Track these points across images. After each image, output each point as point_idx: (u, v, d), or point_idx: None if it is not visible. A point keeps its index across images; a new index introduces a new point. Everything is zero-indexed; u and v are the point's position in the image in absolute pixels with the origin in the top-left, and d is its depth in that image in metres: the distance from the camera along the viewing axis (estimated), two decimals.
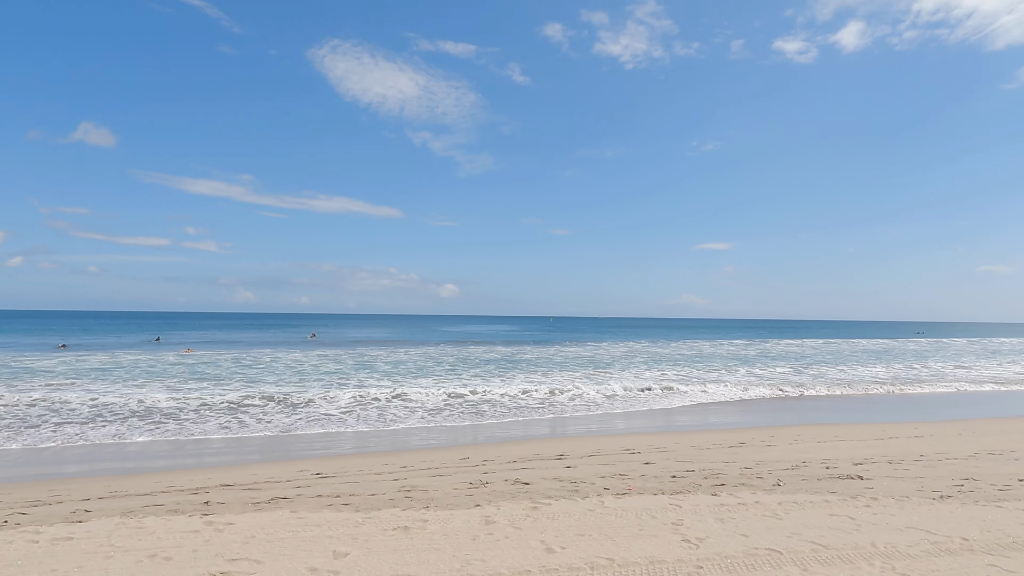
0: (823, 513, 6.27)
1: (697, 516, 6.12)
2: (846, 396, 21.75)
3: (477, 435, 13.94)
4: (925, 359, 41.50)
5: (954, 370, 33.19)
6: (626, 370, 30.16)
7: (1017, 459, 9.60)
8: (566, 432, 14.36)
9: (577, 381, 24.55)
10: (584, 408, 18.07)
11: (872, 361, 39.01)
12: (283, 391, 19.98)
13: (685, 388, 22.60)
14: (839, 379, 27.50)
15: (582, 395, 20.58)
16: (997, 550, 5.13)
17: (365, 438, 13.61)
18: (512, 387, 22.27)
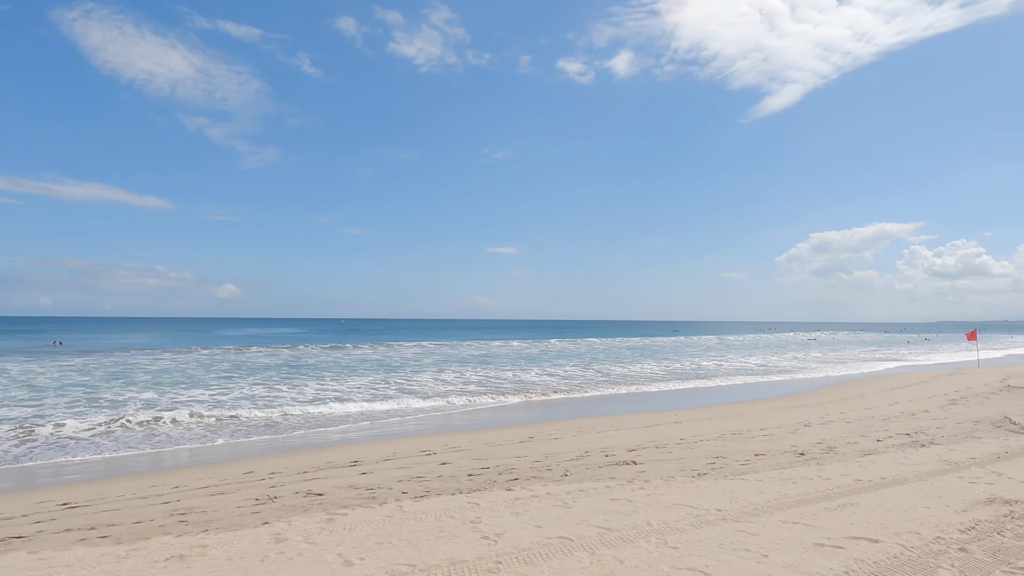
0: (606, 498, 6.80)
1: (494, 512, 6.28)
2: (619, 388, 23.98)
3: (262, 446, 12.97)
4: (684, 354, 47.38)
5: (709, 363, 38.29)
6: (422, 372, 30.22)
7: (753, 437, 11.30)
8: (360, 437, 13.96)
9: (369, 384, 24.06)
10: (376, 412, 17.73)
11: (642, 357, 43.58)
12: (11, 414, 16.84)
13: (480, 388, 23.26)
14: (617, 374, 30.28)
15: (373, 397, 20.19)
16: (744, 517, 5.96)
17: (125, 461, 11.95)
18: (298, 393, 21.14)
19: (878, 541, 5.20)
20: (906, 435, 10.92)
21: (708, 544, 5.15)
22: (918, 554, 4.89)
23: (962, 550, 4.97)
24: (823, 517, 5.93)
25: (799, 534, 5.40)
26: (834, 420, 13.48)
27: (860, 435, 11.11)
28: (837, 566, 4.64)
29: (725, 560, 4.77)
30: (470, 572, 4.60)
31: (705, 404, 18.96)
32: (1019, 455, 8.84)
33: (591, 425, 14.37)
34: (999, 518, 5.83)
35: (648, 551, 4.99)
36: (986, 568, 4.59)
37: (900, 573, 4.51)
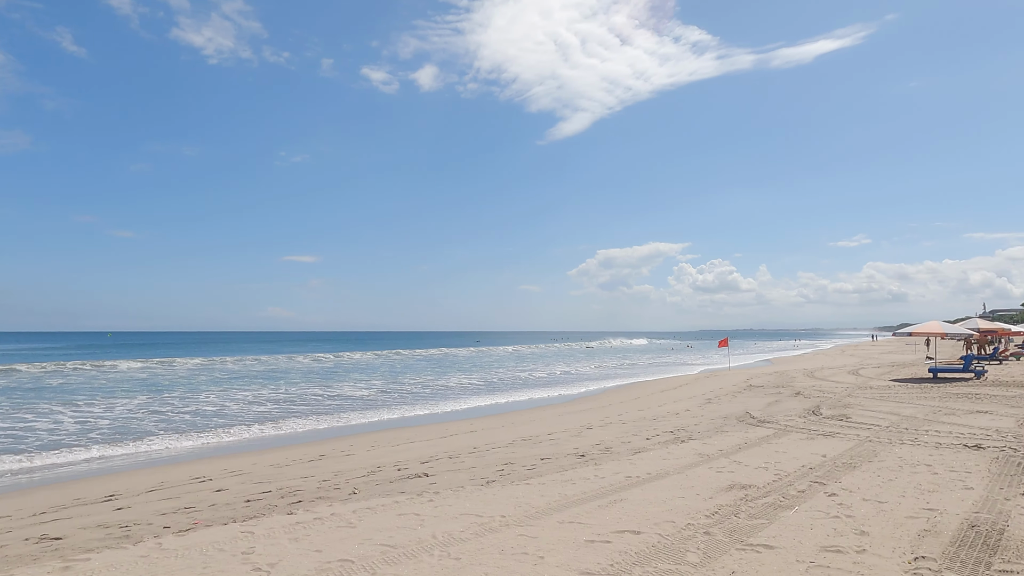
0: (393, 514, 6.66)
1: (271, 540, 5.83)
2: (420, 399, 23.91)
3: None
4: (484, 364, 48.66)
5: (508, 372, 39.69)
6: (198, 392, 27.53)
7: (541, 442, 11.87)
8: (121, 466, 12.26)
9: (141, 405, 21.37)
10: (140, 438, 15.76)
11: (446, 367, 43.96)
12: None
13: (268, 406, 21.73)
14: (419, 384, 30.15)
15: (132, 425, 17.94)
16: (525, 521, 6.19)
17: None
18: (42, 418, 18.13)
19: (640, 532, 5.68)
20: (670, 432, 12.19)
21: (490, 552, 5.25)
22: (671, 541, 5.42)
23: (707, 533, 5.61)
24: (596, 514, 6.35)
25: (574, 533, 5.72)
26: (613, 422, 14.66)
27: (633, 435, 12.20)
28: (605, 560, 4.97)
29: (505, 566, 4.88)
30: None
31: (499, 413, 19.59)
32: (755, 444, 10.28)
33: (387, 439, 14.11)
34: (736, 501, 6.70)
35: (431, 565, 4.95)
36: (724, 547, 5.22)
37: (656, 560, 4.95)
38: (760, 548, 5.17)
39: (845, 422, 12.47)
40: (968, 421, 12.05)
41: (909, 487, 7.13)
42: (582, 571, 4.73)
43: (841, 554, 4.98)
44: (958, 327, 25.92)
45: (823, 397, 17.42)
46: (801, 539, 5.39)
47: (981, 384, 19.80)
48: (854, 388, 20.02)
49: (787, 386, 21.52)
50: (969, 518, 5.87)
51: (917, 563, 4.74)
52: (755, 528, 5.74)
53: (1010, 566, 4.62)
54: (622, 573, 4.68)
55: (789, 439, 10.72)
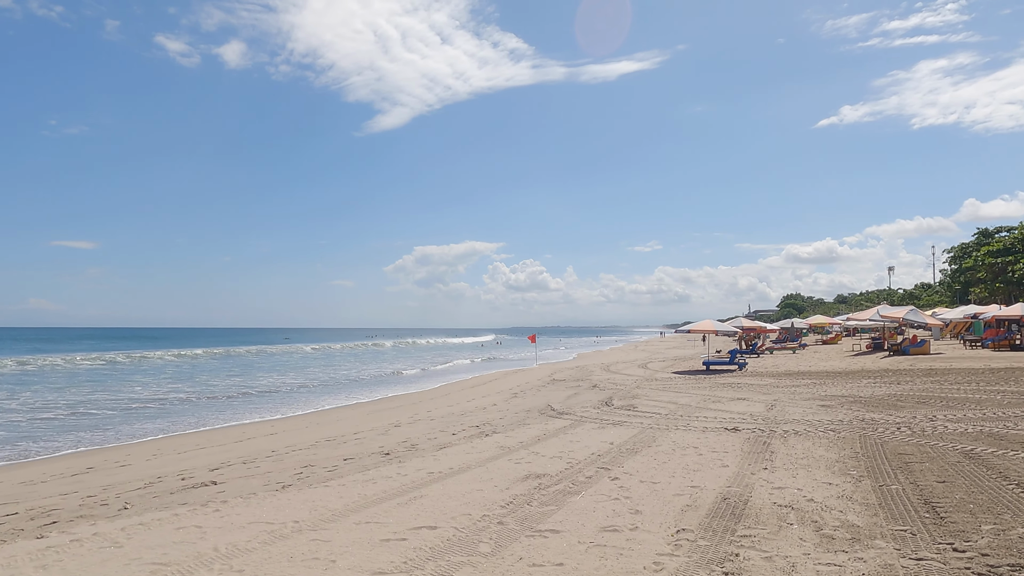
0: (171, 528, 6.05)
1: (12, 570, 5.00)
2: (213, 401, 22.05)
3: None
4: (292, 364, 46.24)
5: (317, 371, 38.05)
6: None
7: (346, 442, 11.55)
8: None
9: None
10: None
11: (248, 367, 41.05)
12: None
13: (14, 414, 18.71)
14: (217, 387, 27.79)
15: None
16: (320, 524, 5.96)
17: None
18: None
19: (437, 527, 5.74)
20: (476, 427, 12.50)
21: (278, 560, 4.97)
22: (466, 533, 5.54)
23: (500, 523, 5.82)
24: (394, 512, 6.30)
25: (369, 533, 5.62)
26: (421, 419, 14.70)
27: (440, 431, 12.32)
28: (398, 558, 4.94)
29: (292, 574, 4.65)
30: None
31: (303, 412, 18.75)
32: (553, 436, 10.90)
33: (172, 446, 12.84)
34: (530, 491, 7.04)
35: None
36: (515, 535, 5.45)
37: (450, 553, 5.03)
38: (547, 533, 5.47)
39: (632, 411, 13.68)
40: (730, 407, 13.83)
41: (678, 468, 8.00)
42: (374, 571, 4.66)
43: (617, 532, 5.44)
44: (727, 325, 29.72)
45: (616, 389, 18.98)
46: (584, 522, 5.80)
47: (743, 375, 22.86)
48: (642, 380, 22.07)
49: (586, 379, 23.14)
50: (723, 492, 6.73)
51: (678, 535, 5.32)
52: (545, 515, 6.06)
53: (750, 531, 5.36)
54: (415, 569, 4.69)
55: (583, 429, 11.51)
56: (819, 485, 6.91)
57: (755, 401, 14.84)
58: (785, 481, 7.12)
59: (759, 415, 12.48)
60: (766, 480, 7.20)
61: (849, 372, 22.16)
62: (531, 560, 4.82)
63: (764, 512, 5.93)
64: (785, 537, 5.17)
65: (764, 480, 7.20)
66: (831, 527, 5.40)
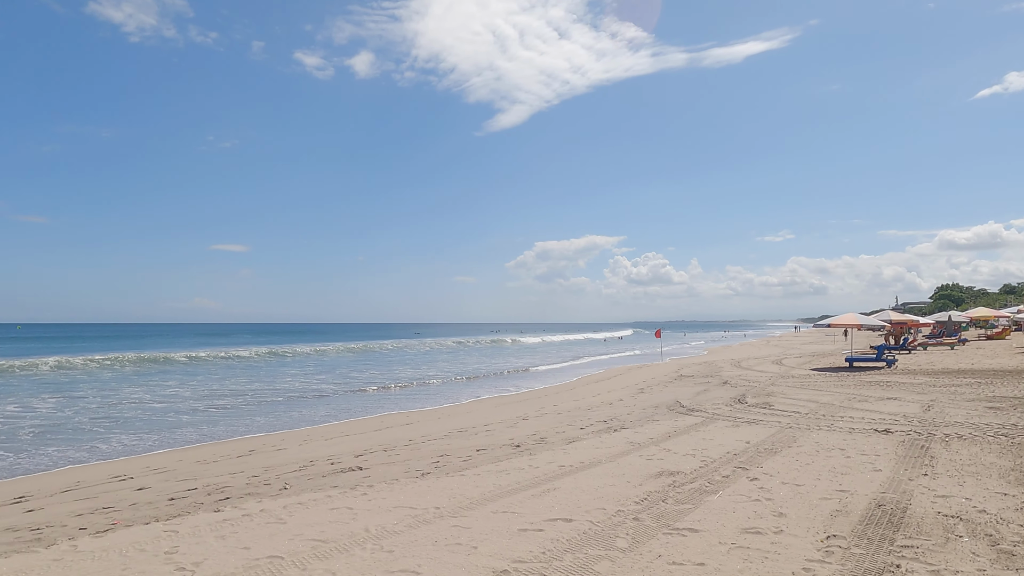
0: (325, 508, 6.56)
1: (196, 538, 5.65)
2: (358, 393, 23.53)
3: None
4: (427, 358, 48.35)
5: (451, 364, 39.58)
6: (129, 386, 26.27)
7: (477, 433, 11.92)
8: (32, 468, 11.56)
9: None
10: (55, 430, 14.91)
11: (388, 362, 43.43)
12: None
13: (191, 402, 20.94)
14: (358, 379, 29.67)
15: None
16: (459, 512, 6.21)
17: None
18: None
19: (572, 520, 5.80)
20: (604, 422, 12.46)
21: (423, 543, 5.25)
22: (602, 527, 5.56)
23: (636, 519, 5.78)
24: (529, 503, 6.44)
25: (507, 522, 5.78)
26: (548, 412, 14.86)
27: (567, 425, 12.40)
28: (536, 548, 5.05)
29: (437, 556, 4.90)
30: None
31: (434, 406, 19.53)
32: (684, 433, 10.63)
33: (320, 433, 13.86)
34: (664, 488, 6.93)
35: (363, 559, 4.91)
36: (652, 532, 5.39)
37: (587, 546, 5.07)
38: (685, 532, 5.36)
39: (768, 410, 13.04)
40: (879, 407, 12.81)
41: (824, 470, 7.53)
42: (514, 559, 4.79)
43: (760, 535, 5.23)
44: (873, 319, 27.49)
45: (748, 386, 18.16)
46: (724, 522, 5.62)
47: (892, 372, 21.07)
48: (777, 377, 20.95)
49: (715, 376, 22.32)
50: (876, 498, 6.26)
51: (829, 541, 5.02)
52: (681, 513, 5.95)
53: (911, 541, 4.95)
54: (554, 560, 4.77)
55: (716, 427, 11.13)
56: (992, 495, 6.25)
57: (908, 401, 13.64)
58: (950, 489, 6.51)
59: (914, 416, 11.46)
60: (927, 487, 6.62)
61: (1022, 371, 19.78)
62: (670, 558, 4.75)
63: (927, 522, 5.46)
64: (954, 550, 4.74)
65: (925, 487, 6.63)
66: (1010, 542, 4.87)
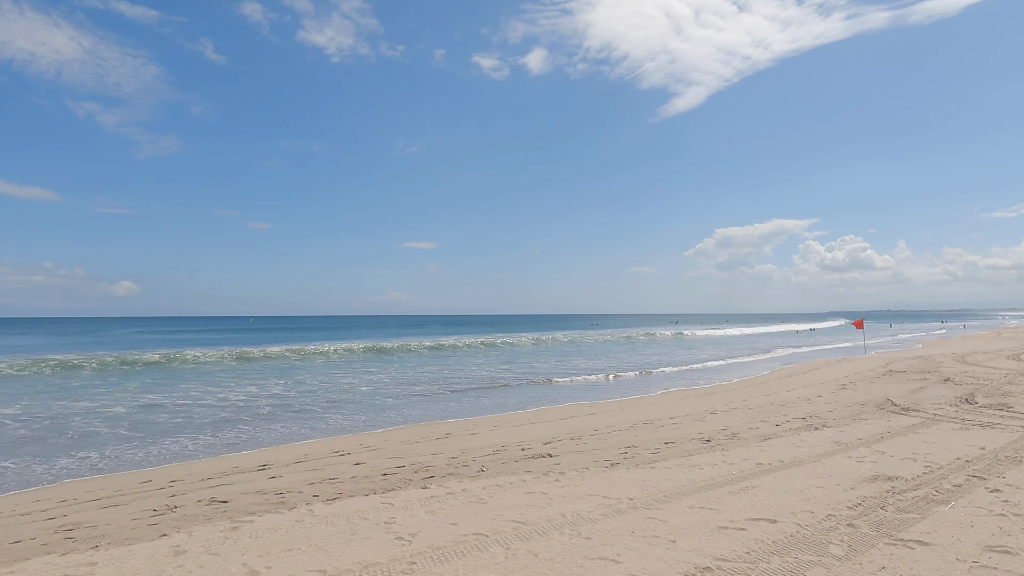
0: (521, 492, 6.84)
1: (409, 512, 6.18)
2: (538, 382, 24.24)
3: (162, 454, 12.21)
4: (605, 349, 48.54)
5: (630, 356, 39.40)
6: (350, 372, 29.43)
7: (663, 426, 11.70)
8: (271, 440, 13.40)
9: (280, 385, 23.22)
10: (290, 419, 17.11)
11: (567, 353, 44.29)
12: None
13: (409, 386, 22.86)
14: (538, 369, 30.60)
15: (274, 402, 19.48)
16: (653, 504, 6.15)
17: (11, 473, 10.94)
18: (212, 395, 20.14)
19: (776, 521, 5.48)
20: (802, 419, 11.61)
21: (620, 533, 5.27)
22: (812, 531, 5.19)
23: (850, 525, 5.32)
24: (727, 501, 6.20)
25: (705, 518, 5.62)
26: (738, 407, 14.17)
27: (761, 420, 11.73)
28: (740, 547, 4.85)
29: (635, 547, 4.89)
30: (383, 574, 4.49)
31: (617, 397, 19.47)
32: (900, 434, 9.57)
33: (508, 420, 14.45)
34: (882, 494, 6.29)
35: (562, 543, 5.05)
36: (871, 541, 4.93)
37: (796, 550, 4.77)
38: (912, 544, 4.83)
39: (1006, 412, 11.30)
40: None
41: None
42: (716, 556, 4.65)
43: (1010, 555, 4.56)
44: None
45: (978, 384, 15.87)
46: (960, 536, 4.98)
47: None
48: (1015, 374, 18.06)
49: (933, 371, 19.79)
50: None
51: None
52: (906, 523, 5.37)
53: None
54: (760, 561, 4.55)
55: (939, 429, 9.88)
56: None
57: None
58: None
59: None
60: None
61: None
62: (896, 571, 4.31)
63: None
64: None
65: None
66: None
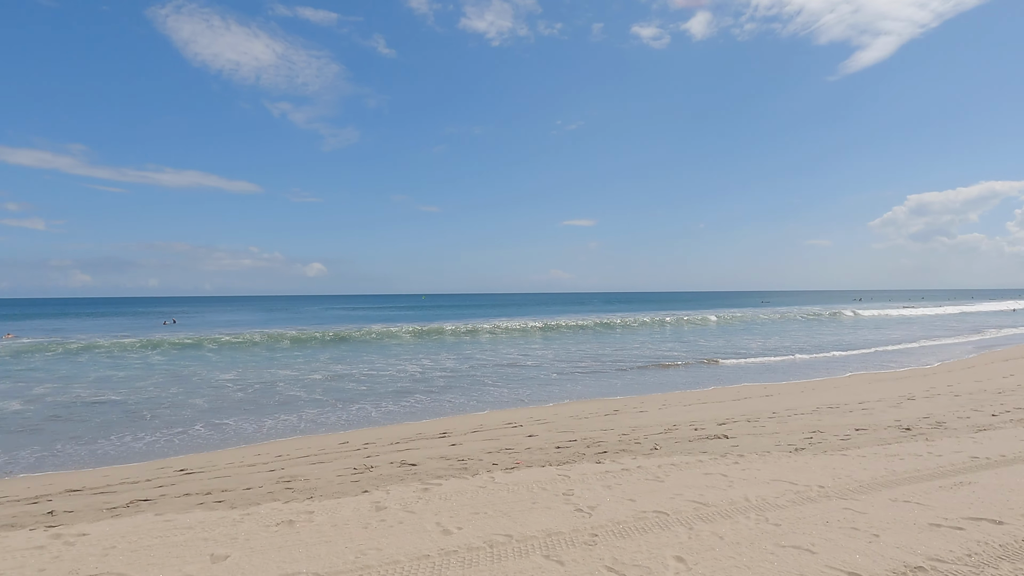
0: (699, 472, 6.67)
1: (585, 485, 6.28)
2: (707, 361, 23.40)
3: (352, 418, 13.47)
4: (778, 328, 45.79)
5: (807, 336, 36.87)
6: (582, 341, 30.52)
7: (851, 411, 10.78)
8: (445, 411, 14.26)
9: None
10: (501, 380, 18.06)
11: (735, 331, 42.41)
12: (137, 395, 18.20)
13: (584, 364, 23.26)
14: (707, 347, 29.61)
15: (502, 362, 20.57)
16: (848, 494, 5.70)
17: (232, 429, 12.70)
18: (391, 366, 21.85)
19: (1002, 523, 4.84)
20: (1023, 409, 10.13)
21: (812, 522, 4.96)
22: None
23: None
24: (937, 496, 5.58)
25: (911, 513, 5.11)
26: (941, 393, 12.68)
27: (972, 409, 10.40)
28: (958, 548, 4.36)
29: (832, 538, 4.58)
30: (566, 544, 4.62)
31: (795, 379, 18.24)
32: None
33: (677, 399, 14.13)
34: None
35: (748, 527, 4.86)
36: None
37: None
38: None
39: None
40: None
41: None
42: (930, 556, 4.21)
43: None
44: None
45: None
46: None
47: None
48: None
49: None
50: None
51: None
52: None
53: None
54: (985, 566, 4.06)
55: None
56: None
57: None
58: None
59: None
60: None
61: None
62: None
63: None
64: None
65: None
66: None
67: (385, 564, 4.30)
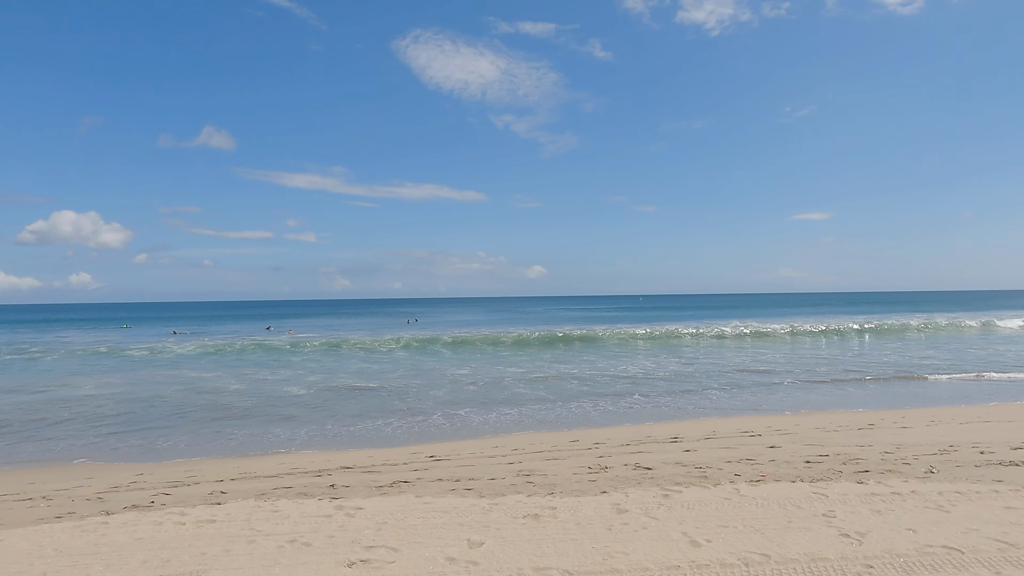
0: (997, 506, 5.58)
1: (848, 507, 5.60)
2: (985, 375, 19.86)
3: (581, 416, 13.65)
4: None
5: None
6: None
7: None
8: (667, 415, 13.83)
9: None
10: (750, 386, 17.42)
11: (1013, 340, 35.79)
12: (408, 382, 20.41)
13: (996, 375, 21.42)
14: (983, 356, 25.31)
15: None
16: None
17: (464, 420, 13.63)
18: (635, 366, 21.89)
19: None
20: None
21: None
22: None
23: None
24: None
25: None
26: None
27: None
28: None
29: None
30: (834, 572, 4.13)
31: None
32: None
33: (949, 415, 12.15)
34: None
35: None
36: None
37: None
38: None
39: None
40: None
41: None
42: None
43: None
44: None
45: None
46: None
47: None
48: None
49: None
50: None
51: None
52: None
53: None
54: None
55: None
56: None
57: None
58: None
59: None
60: None
61: None
62: None
63: None
64: None
65: None
66: None
67: (634, 570, 4.21)
